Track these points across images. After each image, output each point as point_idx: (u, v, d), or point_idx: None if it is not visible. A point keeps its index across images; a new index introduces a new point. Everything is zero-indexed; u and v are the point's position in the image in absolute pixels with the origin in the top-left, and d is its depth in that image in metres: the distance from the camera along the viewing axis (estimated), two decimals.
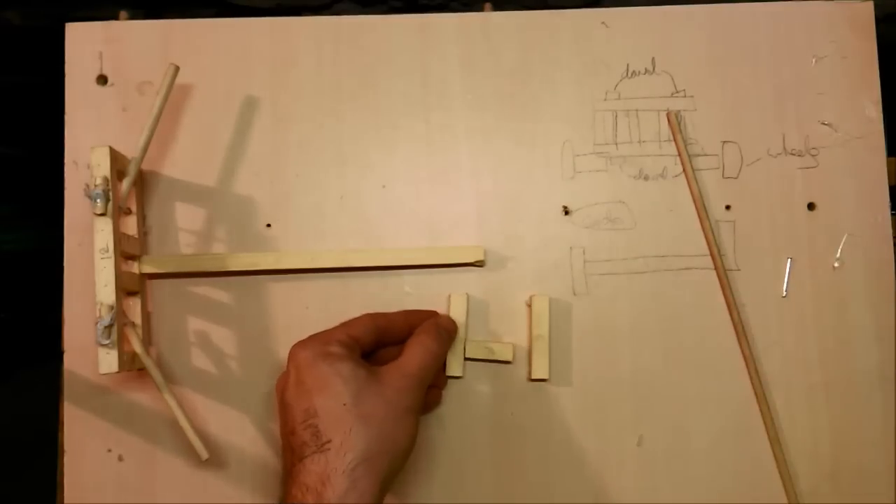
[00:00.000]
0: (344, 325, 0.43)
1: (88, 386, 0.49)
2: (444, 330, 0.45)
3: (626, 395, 0.50)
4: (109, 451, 0.49)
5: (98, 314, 0.42)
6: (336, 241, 0.51)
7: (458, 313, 0.48)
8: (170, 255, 0.50)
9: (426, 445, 0.49)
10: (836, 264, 0.51)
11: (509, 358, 0.49)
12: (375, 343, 0.43)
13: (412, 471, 0.49)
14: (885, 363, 0.50)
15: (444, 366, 0.48)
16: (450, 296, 0.49)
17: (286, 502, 0.37)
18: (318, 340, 0.41)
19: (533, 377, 0.48)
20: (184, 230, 0.50)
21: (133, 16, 0.53)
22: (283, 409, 0.40)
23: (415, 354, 0.42)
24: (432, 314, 0.47)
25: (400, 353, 0.43)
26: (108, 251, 0.42)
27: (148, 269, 0.48)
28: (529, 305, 0.49)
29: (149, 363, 0.45)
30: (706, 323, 0.51)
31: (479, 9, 0.53)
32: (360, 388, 0.38)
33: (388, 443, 0.38)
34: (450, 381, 0.49)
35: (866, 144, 0.52)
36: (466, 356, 0.48)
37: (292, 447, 0.38)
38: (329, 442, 0.37)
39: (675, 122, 0.51)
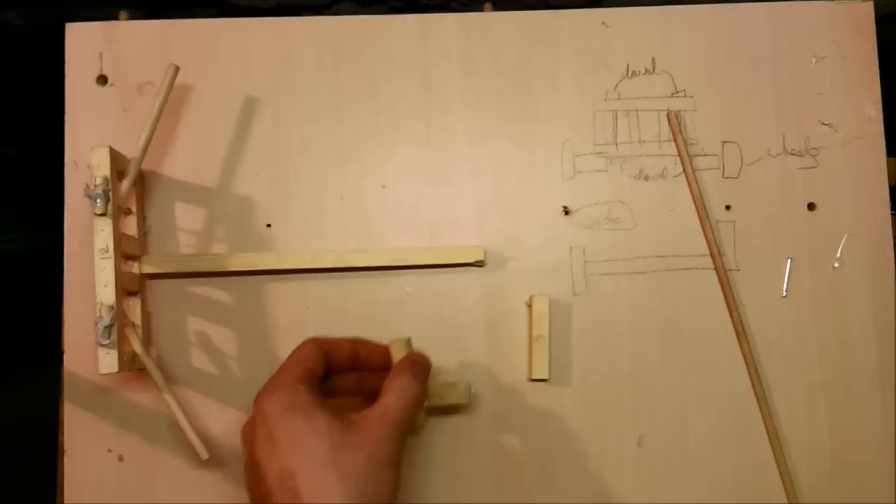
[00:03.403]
0: (295, 359, 0.40)
1: (88, 386, 0.49)
2: (419, 367, 0.42)
3: (626, 395, 0.50)
4: (109, 451, 0.49)
5: (98, 314, 0.42)
6: (336, 241, 0.51)
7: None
8: (170, 255, 0.50)
9: (424, 446, 0.49)
10: (836, 264, 0.51)
11: (463, 400, 0.46)
12: (325, 371, 0.41)
13: (412, 470, 0.49)
14: (885, 363, 0.50)
15: None
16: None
17: None
18: (284, 388, 0.38)
19: (533, 377, 0.48)
20: (184, 230, 0.50)
21: (133, 16, 0.52)
22: (255, 467, 0.37)
23: (396, 397, 0.39)
24: (381, 348, 0.44)
25: (359, 386, 0.42)
26: (108, 251, 0.42)
27: (148, 269, 0.48)
28: (529, 305, 0.49)
29: (149, 363, 0.45)
30: (706, 323, 0.51)
31: (479, 9, 0.53)
32: (339, 443, 0.36)
33: (370, 499, 0.35)
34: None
35: (866, 144, 0.52)
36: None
37: None
38: None
39: (675, 122, 0.51)
